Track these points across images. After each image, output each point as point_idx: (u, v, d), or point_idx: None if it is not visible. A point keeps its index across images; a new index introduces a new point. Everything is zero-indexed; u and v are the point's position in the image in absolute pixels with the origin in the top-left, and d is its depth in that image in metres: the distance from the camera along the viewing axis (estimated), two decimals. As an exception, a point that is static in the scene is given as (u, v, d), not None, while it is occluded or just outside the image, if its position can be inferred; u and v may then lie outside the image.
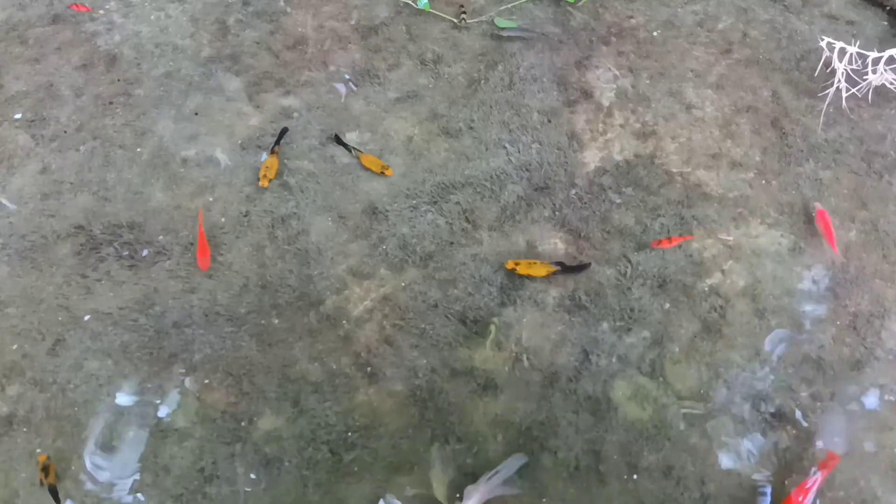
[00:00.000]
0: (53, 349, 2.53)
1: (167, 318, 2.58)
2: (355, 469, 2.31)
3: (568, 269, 2.61)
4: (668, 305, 2.57)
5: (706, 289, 2.61)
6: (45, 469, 2.28)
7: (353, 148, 2.90)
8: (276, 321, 2.57)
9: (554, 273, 2.59)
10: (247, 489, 2.28)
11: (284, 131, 2.95)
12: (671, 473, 2.29)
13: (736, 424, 2.36)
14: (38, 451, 2.35)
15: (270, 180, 2.82)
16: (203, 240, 2.67)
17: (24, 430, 2.39)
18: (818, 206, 2.68)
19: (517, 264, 2.60)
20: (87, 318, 2.58)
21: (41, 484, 2.26)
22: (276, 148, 2.90)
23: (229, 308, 2.59)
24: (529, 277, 2.59)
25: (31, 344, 2.53)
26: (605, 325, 2.53)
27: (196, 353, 2.51)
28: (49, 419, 2.40)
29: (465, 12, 3.23)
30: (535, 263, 2.60)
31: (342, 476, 2.30)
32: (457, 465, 2.31)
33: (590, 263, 2.62)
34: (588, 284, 2.62)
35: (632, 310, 2.56)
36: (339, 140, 2.92)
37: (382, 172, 2.84)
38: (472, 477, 2.27)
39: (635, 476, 2.29)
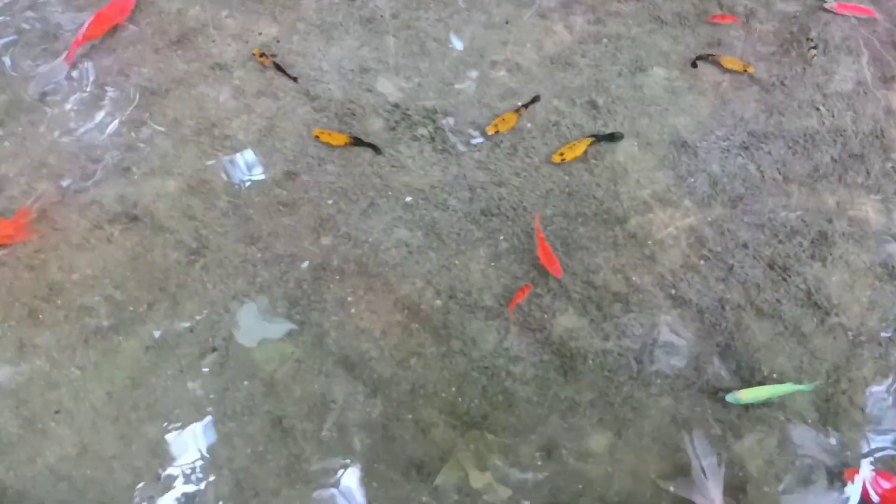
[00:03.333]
0: (366, 211, 2.63)
1: (475, 205, 2.64)
2: (657, 381, 2.33)
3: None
4: None
5: None
6: (263, 55, 2.94)
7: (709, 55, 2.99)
8: (582, 229, 2.60)
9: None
10: (549, 376, 2.32)
11: (536, 99, 2.90)
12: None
13: None
14: (349, 298, 2.45)
15: (497, 132, 2.79)
16: (545, 247, 2.49)
17: (337, 278, 2.49)
18: None
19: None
20: (401, 191, 2.67)
21: (264, 66, 2.94)
22: (522, 109, 2.86)
23: (536, 208, 2.63)
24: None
25: (346, 202, 2.64)
26: (920, 300, 2.47)
27: (502, 243, 2.57)
28: (360, 274, 2.50)
29: (815, 47, 3.08)
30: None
31: (643, 385, 2.32)
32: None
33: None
34: (902, 257, 2.56)
35: (951, 290, 2.49)
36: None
37: (745, 70, 2.96)
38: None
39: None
